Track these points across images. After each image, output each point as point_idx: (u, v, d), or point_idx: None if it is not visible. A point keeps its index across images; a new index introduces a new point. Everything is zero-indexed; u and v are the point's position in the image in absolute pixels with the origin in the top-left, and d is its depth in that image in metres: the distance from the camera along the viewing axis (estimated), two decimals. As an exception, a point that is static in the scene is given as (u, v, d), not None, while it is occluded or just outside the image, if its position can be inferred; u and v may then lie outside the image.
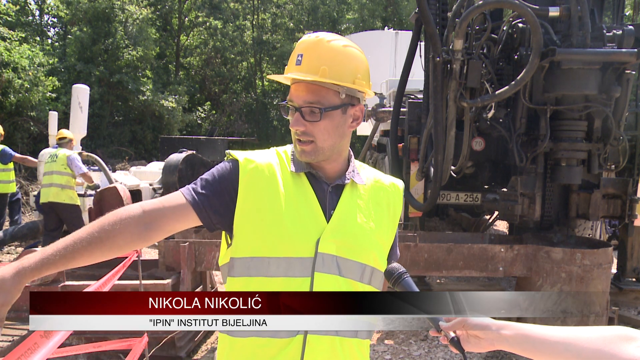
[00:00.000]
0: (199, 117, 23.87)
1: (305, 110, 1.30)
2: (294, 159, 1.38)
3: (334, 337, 1.30)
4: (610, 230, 6.95)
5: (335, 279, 1.31)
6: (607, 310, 4.24)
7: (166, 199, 1.32)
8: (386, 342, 4.50)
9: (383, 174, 1.52)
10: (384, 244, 1.43)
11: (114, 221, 1.23)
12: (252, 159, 1.35)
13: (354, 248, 1.34)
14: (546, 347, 1.01)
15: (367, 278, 1.37)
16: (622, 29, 4.15)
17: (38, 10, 22.28)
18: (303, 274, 1.29)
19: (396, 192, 1.49)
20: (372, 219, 1.39)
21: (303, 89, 1.31)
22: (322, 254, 1.30)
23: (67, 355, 2.77)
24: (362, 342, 1.38)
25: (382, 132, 8.69)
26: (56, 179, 6.47)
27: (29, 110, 14.76)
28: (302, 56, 1.31)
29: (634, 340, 0.91)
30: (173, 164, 8.52)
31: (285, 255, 1.29)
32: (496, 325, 1.09)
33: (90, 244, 1.20)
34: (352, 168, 1.42)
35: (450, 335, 1.16)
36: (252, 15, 28.35)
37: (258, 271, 1.29)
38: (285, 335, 1.27)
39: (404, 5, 26.32)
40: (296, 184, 1.35)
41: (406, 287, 1.27)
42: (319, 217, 1.33)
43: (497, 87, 4.35)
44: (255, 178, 1.32)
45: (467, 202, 5.86)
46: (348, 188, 1.39)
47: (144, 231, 1.26)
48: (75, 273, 4.74)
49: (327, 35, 1.34)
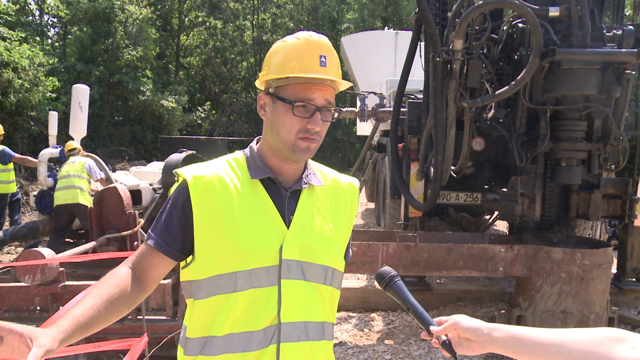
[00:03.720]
0: (199, 117, 23.88)
1: (324, 110, 1.32)
2: (250, 165, 1.37)
3: (305, 342, 1.32)
4: (610, 230, 6.94)
5: (301, 284, 1.32)
6: (607, 310, 4.24)
7: (139, 252, 1.37)
8: (386, 342, 4.50)
9: (340, 174, 1.53)
10: (342, 244, 1.45)
11: (113, 293, 1.27)
12: (201, 174, 1.32)
13: (316, 251, 1.35)
14: (537, 349, 1.01)
15: (329, 279, 1.39)
16: (622, 29, 4.15)
17: (38, 10, 22.30)
18: (270, 282, 1.29)
19: (352, 191, 1.50)
20: (331, 220, 1.41)
21: (324, 90, 1.31)
22: (287, 260, 1.30)
23: (67, 355, 2.77)
24: (328, 343, 1.41)
25: (382, 132, 8.70)
26: (76, 181, 6.66)
27: (29, 110, 14.75)
28: (325, 58, 1.31)
29: (625, 341, 0.91)
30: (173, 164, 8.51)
31: (251, 267, 1.28)
32: (487, 327, 1.10)
33: (99, 316, 1.23)
34: (309, 170, 1.43)
35: (442, 338, 1.16)
36: (252, 15, 28.37)
37: (227, 288, 1.28)
38: (257, 347, 1.28)
39: (404, 5, 26.34)
40: (252, 193, 1.33)
41: (397, 291, 1.26)
42: (278, 223, 1.32)
43: (497, 87, 4.35)
44: (207, 193, 1.30)
45: (467, 202, 5.86)
46: (305, 192, 1.39)
47: (137, 292, 1.32)
48: (75, 273, 4.74)
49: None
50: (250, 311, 1.28)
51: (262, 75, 1.36)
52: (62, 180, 6.72)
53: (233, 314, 1.28)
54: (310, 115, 1.30)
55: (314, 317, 1.34)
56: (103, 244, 4.90)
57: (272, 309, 1.28)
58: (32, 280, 3.68)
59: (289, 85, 1.30)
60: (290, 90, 1.30)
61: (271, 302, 1.28)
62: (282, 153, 1.34)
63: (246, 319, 1.28)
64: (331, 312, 1.42)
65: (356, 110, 9.19)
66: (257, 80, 1.40)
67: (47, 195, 7.24)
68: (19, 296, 3.94)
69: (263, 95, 1.37)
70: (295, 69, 1.28)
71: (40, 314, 3.83)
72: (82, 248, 4.58)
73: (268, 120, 1.36)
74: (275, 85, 1.32)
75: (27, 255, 3.65)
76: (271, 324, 1.28)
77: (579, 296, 4.11)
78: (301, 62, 1.29)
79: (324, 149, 23.64)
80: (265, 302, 1.28)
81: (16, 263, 3.66)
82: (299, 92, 1.29)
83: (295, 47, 1.31)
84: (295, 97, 1.29)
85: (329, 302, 1.40)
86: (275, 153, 1.36)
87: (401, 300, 1.26)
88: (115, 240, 5.03)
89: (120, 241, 5.05)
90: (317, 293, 1.35)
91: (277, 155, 1.36)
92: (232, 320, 1.28)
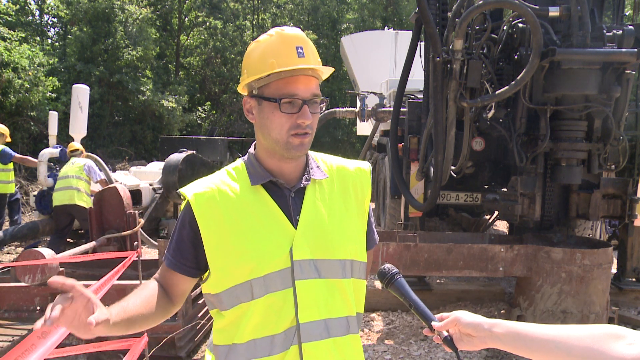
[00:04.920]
0: (199, 117, 23.86)
1: (311, 103, 1.30)
2: (250, 171, 1.36)
3: (327, 339, 1.31)
4: (610, 230, 6.95)
5: (316, 282, 1.31)
6: (607, 310, 4.24)
7: (160, 270, 1.42)
8: (386, 342, 4.50)
9: (348, 160, 1.50)
10: (359, 232, 1.43)
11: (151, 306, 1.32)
12: (202, 191, 1.33)
13: (328, 247, 1.33)
14: (537, 344, 1.03)
15: (349, 272, 1.37)
16: (622, 29, 4.15)
17: (38, 10, 22.29)
18: (284, 285, 1.29)
19: (362, 174, 1.47)
20: (341, 212, 1.39)
21: (308, 82, 1.29)
22: (299, 261, 1.29)
23: (67, 355, 2.77)
24: (354, 336, 1.39)
25: (382, 132, 8.70)
26: (74, 182, 6.67)
27: (29, 110, 14.75)
28: (302, 48, 1.29)
29: (623, 338, 0.93)
30: (173, 164, 8.51)
31: (264, 273, 1.28)
32: (488, 323, 1.11)
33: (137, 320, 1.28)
34: (311, 165, 1.40)
35: (443, 334, 1.18)
36: (252, 15, 28.36)
37: (246, 296, 1.29)
38: (279, 350, 1.28)
39: (404, 5, 26.34)
40: (255, 199, 1.33)
41: (399, 288, 1.27)
42: (286, 225, 1.31)
43: (497, 87, 4.35)
44: (210, 209, 1.31)
45: (467, 202, 5.86)
46: (310, 188, 1.37)
47: (168, 302, 1.38)
48: (75, 273, 4.75)
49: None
50: (268, 316, 1.28)
51: (242, 80, 1.34)
52: (60, 181, 6.76)
53: (253, 321, 1.28)
54: (298, 110, 1.28)
55: (334, 314, 1.33)
56: (103, 244, 4.90)
57: (289, 311, 1.28)
58: (32, 280, 3.68)
59: (271, 84, 1.28)
60: (273, 88, 1.28)
61: (288, 304, 1.28)
62: (277, 153, 1.33)
63: (266, 324, 1.28)
64: (356, 303, 1.40)
65: (356, 110, 9.20)
66: (239, 86, 1.37)
67: (47, 195, 7.25)
68: (19, 296, 3.94)
69: (247, 99, 1.35)
70: (275, 65, 1.26)
71: (40, 314, 3.82)
72: (82, 248, 4.58)
73: (257, 123, 1.34)
74: (257, 87, 1.31)
75: (27, 255, 3.65)
76: (290, 326, 1.28)
77: (579, 296, 4.11)
78: (279, 57, 1.27)
79: (324, 149, 23.53)
80: (282, 305, 1.28)
81: (16, 263, 3.66)
82: (282, 88, 1.27)
83: (270, 43, 1.30)
84: (280, 94, 1.27)
85: (352, 294, 1.38)
86: (271, 154, 1.35)
87: (403, 298, 1.27)
88: (115, 240, 5.04)
89: (120, 241, 5.06)
90: (336, 289, 1.34)
91: (273, 156, 1.34)
92: (253, 327, 1.29)
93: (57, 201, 6.68)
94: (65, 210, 6.66)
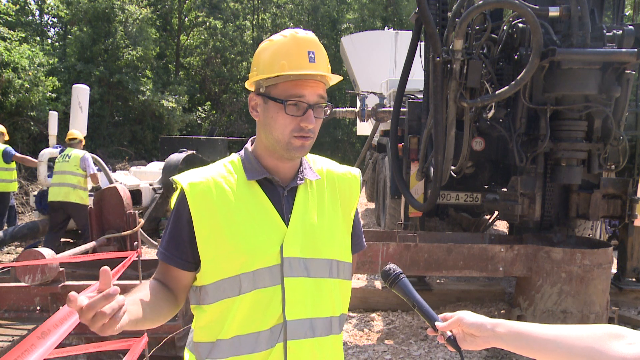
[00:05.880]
0: (199, 117, 23.86)
1: (316, 107, 1.31)
2: (246, 166, 1.37)
3: (311, 338, 1.32)
4: (610, 230, 6.95)
5: (305, 281, 1.32)
6: (607, 310, 4.24)
7: (158, 267, 1.39)
8: (386, 342, 4.50)
9: (338, 164, 1.52)
10: (344, 234, 1.44)
11: (160, 305, 1.31)
12: (197, 181, 1.32)
13: (317, 246, 1.35)
14: (538, 344, 1.05)
15: (335, 272, 1.38)
16: (622, 29, 4.15)
17: (38, 10, 22.28)
18: (273, 282, 1.29)
19: (350, 179, 1.48)
20: (329, 213, 1.40)
21: (315, 86, 1.30)
22: (289, 258, 1.30)
23: (67, 355, 2.77)
24: (336, 337, 1.40)
25: (382, 132, 8.70)
26: (68, 178, 6.62)
27: (29, 110, 14.75)
28: (314, 53, 1.30)
29: (623, 337, 0.94)
30: (173, 164, 8.52)
31: (254, 268, 1.28)
32: (491, 323, 1.13)
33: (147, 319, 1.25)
34: (305, 165, 1.42)
35: (447, 334, 1.19)
36: (252, 15, 28.38)
37: (232, 291, 1.28)
38: (264, 347, 1.28)
39: (404, 5, 26.35)
40: (250, 194, 1.33)
41: (403, 289, 1.28)
42: (278, 223, 1.32)
43: (497, 87, 4.35)
44: (204, 200, 1.30)
45: (467, 202, 5.86)
46: (302, 188, 1.38)
47: (171, 297, 1.36)
48: (75, 273, 4.74)
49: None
50: (255, 312, 1.28)
51: (251, 76, 1.35)
52: (56, 176, 6.71)
53: (239, 316, 1.28)
54: (302, 113, 1.29)
55: (320, 313, 1.34)
56: (103, 244, 4.90)
57: (276, 308, 1.28)
58: (32, 280, 3.67)
59: (279, 84, 1.29)
60: (280, 89, 1.29)
61: (275, 301, 1.29)
62: (277, 152, 1.34)
63: (252, 320, 1.28)
64: (341, 304, 1.42)
65: (356, 110, 9.20)
66: (247, 82, 1.38)
67: (47, 195, 7.23)
68: (19, 296, 3.94)
69: (254, 96, 1.36)
70: (285, 67, 1.27)
71: (40, 314, 3.83)
72: (82, 248, 4.58)
73: (261, 121, 1.35)
74: (265, 85, 1.31)
75: (27, 255, 3.65)
76: (277, 323, 1.29)
77: (579, 296, 4.11)
78: (290, 60, 1.28)
79: (324, 149, 23.64)
80: (270, 302, 1.28)
81: (16, 263, 3.65)
82: (290, 90, 1.28)
83: (283, 45, 1.30)
84: (286, 95, 1.28)
85: (338, 294, 1.39)
86: (270, 153, 1.36)
87: (407, 298, 1.28)
88: (115, 240, 5.03)
89: (120, 241, 5.06)
90: (323, 288, 1.35)
91: (272, 154, 1.35)
92: (238, 323, 1.29)
93: (52, 196, 6.64)
94: (59, 206, 6.61)
